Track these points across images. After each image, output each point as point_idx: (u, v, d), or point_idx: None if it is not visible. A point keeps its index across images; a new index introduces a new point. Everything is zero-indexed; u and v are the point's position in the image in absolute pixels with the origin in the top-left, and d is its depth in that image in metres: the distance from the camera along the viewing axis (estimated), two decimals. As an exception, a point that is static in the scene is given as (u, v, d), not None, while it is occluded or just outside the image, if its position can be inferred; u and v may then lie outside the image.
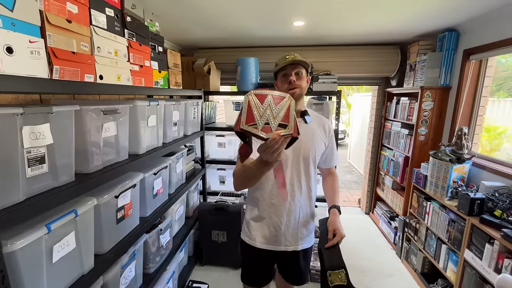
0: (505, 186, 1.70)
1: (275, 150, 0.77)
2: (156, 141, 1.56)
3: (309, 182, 1.22)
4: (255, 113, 0.77)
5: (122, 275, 1.24)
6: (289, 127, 0.77)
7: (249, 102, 0.78)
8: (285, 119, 0.78)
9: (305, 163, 1.18)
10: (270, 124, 0.76)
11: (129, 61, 1.30)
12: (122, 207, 1.21)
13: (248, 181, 1.05)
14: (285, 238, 1.22)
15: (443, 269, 1.95)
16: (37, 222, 0.80)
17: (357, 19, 2.09)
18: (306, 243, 1.27)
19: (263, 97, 0.79)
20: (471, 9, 1.84)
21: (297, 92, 1.12)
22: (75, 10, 0.95)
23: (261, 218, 1.22)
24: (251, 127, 0.76)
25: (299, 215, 1.22)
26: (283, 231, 1.21)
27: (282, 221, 1.20)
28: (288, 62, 1.11)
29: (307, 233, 1.26)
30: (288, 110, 0.79)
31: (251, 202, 1.27)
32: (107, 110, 1.08)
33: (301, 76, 1.14)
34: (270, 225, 1.21)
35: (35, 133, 0.75)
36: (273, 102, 0.79)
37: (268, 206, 1.20)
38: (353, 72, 3.00)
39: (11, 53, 0.71)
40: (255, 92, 0.80)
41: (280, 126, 0.77)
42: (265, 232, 1.22)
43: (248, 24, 2.21)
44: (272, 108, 0.78)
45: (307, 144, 1.17)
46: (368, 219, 3.49)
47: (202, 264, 2.49)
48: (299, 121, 1.16)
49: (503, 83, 3.53)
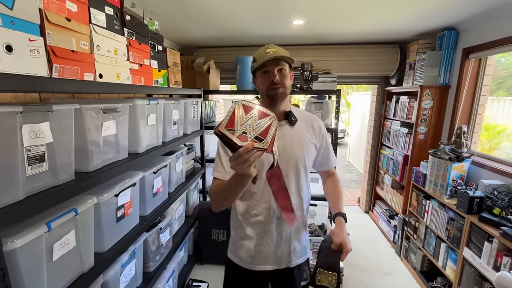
0: (504, 184, 1.70)
1: (245, 160, 0.74)
2: (156, 140, 1.56)
3: (300, 191, 1.09)
4: (236, 120, 0.78)
5: (122, 274, 1.25)
6: (265, 142, 0.77)
7: (235, 109, 0.80)
8: (263, 133, 0.78)
9: (295, 171, 1.05)
10: (247, 134, 0.77)
11: (129, 60, 1.30)
12: (122, 206, 1.21)
13: (225, 199, 0.96)
14: (276, 255, 1.09)
15: (442, 267, 1.96)
16: (37, 221, 0.80)
17: (357, 18, 2.09)
18: (300, 258, 1.15)
19: (249, 109, 0.81)
20: (470, 8, 1.84)
21: (280, 91, 0.99)
22: (74, 9, 0.95)
23: (247, 236, 1.08)
24: (229, 131, 0.76)
25: (290, 229, 1.09)
26: (273, 248, 1.08)
27: (272, 238, 1.07)
28: (270, 58, 0.96)
29: (301, 247, 1.14)
30: (269, 127, 0.80)
31: (234, 218, 1.14)
32: (107, 109, 1.08)
33: (284, 73, 1.00)
34: (259, 244, 1.07)
35: (35, 132, 0.75)
36: (256, 115, 0.80)
37: (254, 223, 1.07)
38: (352, 71, 3.00)
39: (10, 51, 0.71)
40: (243, 103, 0.82)
41: (256, 139, 0.77)
42: (252, 251, 1.08)
43: (247, 23, 2.21)
44: (254, 120, 0.79)
45: (294, 150, 1.03)
46: (368, 218, 3.50)
47: (202, 263, 2.49)
48: (284, 123, 1.05)
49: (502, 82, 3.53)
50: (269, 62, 0.97)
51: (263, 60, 0.97)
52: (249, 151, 0.73)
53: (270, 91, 1.00)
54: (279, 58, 0.98)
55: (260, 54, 1.00)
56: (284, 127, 1.05)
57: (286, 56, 0.98)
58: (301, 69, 2.59)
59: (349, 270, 2.36)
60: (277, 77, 0.98)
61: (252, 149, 0.74)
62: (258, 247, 1.08)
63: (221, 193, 0.97)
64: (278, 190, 0.98)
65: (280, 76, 0.98)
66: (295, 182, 1.06)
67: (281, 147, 1.01)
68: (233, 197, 0.95)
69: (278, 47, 1.00)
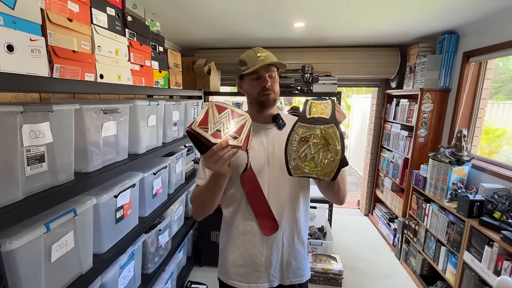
0: (505, 188, 1.70)
1: (219, 158, 0.73)
2: (156, 141, 1.56)
3: (293, 198, 1.00)
4: (210, 119, 0.77)
5: (121, 275, 1.24)
6: (239, 140, 0.76)
7: (208, 109, 0.79)
8: (237, 131, 0.77)
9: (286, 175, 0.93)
10: (221, 131, 0.76)
11: (130, 61, 1.30)
12: (121, 207, 1.21)
13: (203, 203, 0.92)
14: (268, 271, 0.99)
15: (442, 271, 1.95)
16: (36, 221, 0.79)
17: (357, 21, 2.10)
18: (296, 277, 1.03)
19: (222, 109, 0.80)
20: (470, 13, 1.84)
21: (271, 97, 0.97)
22: (76, 9, 0.95)
23: (235, 249, 1.01)
24: (202, 129, 0.75)
25: (283, 242, 0.99)
26: (264, 264, 0.98)
27: (262, 252, 0.98)
28: (264, 64, 0.91)
29: (296, 264, 1.02)
30: (243, 126, 0.79)
31: (224, 227, 1.07)
32: (107, 110, 1.08)
33: (274, 78, 0.97)
34: (247, 257, 0.99)
35: (34, 132, 0.75)
36: (230, 115, 0.80)
37: (242, 234, 0.99)
38: (353, 73, 3.01)
39: (11, 51, 0.71)
40: (216, 103, 0.81)
41: (230, 136, 0.76)
42: (241, 267, 1.00)
43: (248, 25, 2.22)
44: (228, 119, 0.79)
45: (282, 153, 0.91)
46: (368, 221, 3.49)
47: (201, 265, 2.48)
48: (272, 127, 1.02)
49: (501, 86, 3.54)
50: (260, 67, 0.93)
51: (256, 65, 0.92)
52: (223, 148, 0.73)
53: (261, 96, 0.96)
54: (272, 64, 0.94)
55: (251, 59, 0.95)
56: (272, 130, 1.01)
57: (279, 62, 0.95)
58: (302, 71, 2.60)
59: (348, 273, 2.35)
60: (269, 82, 0.95)
61: (227, 146, 0.73)
62: (247, 261, 0.99)
63: (198, 197, 0.94)
64: (251, 193, 0.94)
65: (271, 81, 0.96)
66: (288, 187, 0.97)
67: (270, 151, 0.97)
68: (211, 201, 0.91)
69: (267, 51, 0.96)
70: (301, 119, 0.84)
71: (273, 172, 0.96)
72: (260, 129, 1.01)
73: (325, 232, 2.71)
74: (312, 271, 2.22)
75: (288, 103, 6.97)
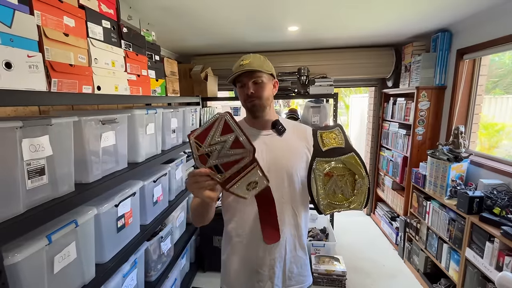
0: (503, 183, 1.71)
1: (195, 183, 0.71)
2: (155, 148, 1.57)
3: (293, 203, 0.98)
4: (209, 136, 0.70)
5: (124, 284, 1.24)
6: (223, 176, 0.70)
7: (215, 122, 0.71)
8: (227, 165, 0.70)
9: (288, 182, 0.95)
10: (209, 157, 0.70)
11: (126, 71, 1.32)
12: (122, 216, 1.22)
13: (200, 216, 0.91)
14: (271, 281, 0.98)
15: (445, 269, 1.95)
16: (37, 233, 0.80)
17: (351, 23, 2.12)
18: (298, 284, 1.02)
19: (228, 131, 0.70)
20: (462, 10, 1.86)
21: (255, 103, 0.94)
22: (72, 24, 0.97)
23: (237, 258, 1.00)
24: (196, 144, 0.70)
25: (286, 250, 0.98)
26: (268, 273, 0.97)
27: (265, 262, 0.96)
28: (242, 71, 0.91)
29: (298, 271, 1.02)
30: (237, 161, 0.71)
31: (224, 237, 1.06)
32: (106, 120, 1.10)
33: (261, 84, 0.94)
34: (250, 268, 0.98)
35: (34, 145, 0.77)
36: (231, 142, 0.70)
37: (243, 243, 0.98)
38: (349, 74, 3.03)
39: (9, 68, 0.73)
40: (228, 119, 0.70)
41: (216, 168, 0.70)
42: (244, 277, 0.99)
43: (243, 30, 2.24)
44: (226, 147, 0.70)
45: (285, 160, 0.95)
46: (370, 221, 3.48)
47: (204, 270, 2.48)
48: (271, 133, 0.99)
49: (498, 81, 3.55)
50: (242, 74, 0.92)
51: (235, 73, 0.92)
52: (202, 175, 0.70)
53: (246, 103, 0.97)
54: (252, 71, 0.92)
55: (235, 67, 0.95)
56: (272, 137, 0.99)
57: (259, 69, 0.92)
58: (298, 74, 2.62)
59: (352, 274, 2.35)
60: (251, 89, 0.93)
61: (207, 175, 0.70)
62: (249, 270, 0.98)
63: (192, 209, 0.94)
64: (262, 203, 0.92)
65: (255, 88, 0.93)
66: (289, 194, 0.96)
67: (271, 158, 0.95)
68: (205, 216, 0.90)
69: (252, 57, 0.94)
70: (317, 153, 0.81)
71: (275, 180, 0.91)
72: (258, 135, 1.00)
73: (328, 233, 2.71)
74: (315, 273, 2.22)
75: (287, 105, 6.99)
